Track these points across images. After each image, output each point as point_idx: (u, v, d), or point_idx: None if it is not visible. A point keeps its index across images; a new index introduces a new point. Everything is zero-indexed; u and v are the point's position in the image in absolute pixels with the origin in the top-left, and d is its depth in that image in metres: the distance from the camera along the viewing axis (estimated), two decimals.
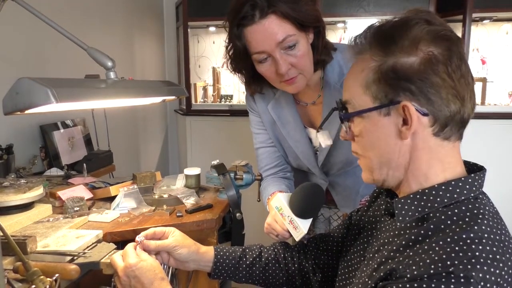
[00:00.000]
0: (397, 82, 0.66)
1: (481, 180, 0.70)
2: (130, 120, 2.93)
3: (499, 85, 2.86)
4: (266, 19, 1.05)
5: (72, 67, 1.89)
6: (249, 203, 1.65)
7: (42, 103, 0.72)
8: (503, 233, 0.65)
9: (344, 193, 1.37)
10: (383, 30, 0.70)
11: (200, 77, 3.35)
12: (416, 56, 0.66)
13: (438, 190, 0.68)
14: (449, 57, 0.66)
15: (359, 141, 0.75)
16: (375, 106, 0.69)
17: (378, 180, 0.75)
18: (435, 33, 0.67)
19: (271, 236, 1.14)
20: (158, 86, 1.15)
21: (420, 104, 0.66)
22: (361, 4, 2.70)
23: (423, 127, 0.67)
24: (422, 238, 0.65)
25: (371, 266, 0.72)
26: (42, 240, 1.04)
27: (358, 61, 0.73)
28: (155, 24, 3.36)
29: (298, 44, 1.08)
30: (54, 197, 1.37)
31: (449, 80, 0.65)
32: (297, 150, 1.33)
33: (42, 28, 0.99)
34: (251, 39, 1.08)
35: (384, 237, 0.75)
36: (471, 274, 0.57)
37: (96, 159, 1.94)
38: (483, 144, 2.70)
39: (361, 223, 0.89)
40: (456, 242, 0.61)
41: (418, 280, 0.59)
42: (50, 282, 0.70)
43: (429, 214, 0.68)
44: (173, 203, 1.38)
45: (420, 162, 0.70)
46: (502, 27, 2.84)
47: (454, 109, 0.67)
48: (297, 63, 1.10)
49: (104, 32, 2.49)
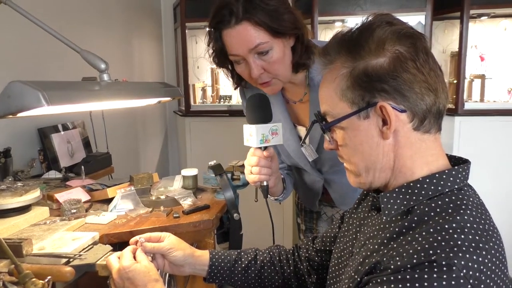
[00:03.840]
0: (371, 84, 0.68)
1: (465, 172, 0.71)
2: (129, 121, 2.94)
3: (498, 81, 2.85)
4: (240, 26, 1.08)
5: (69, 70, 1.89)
6: (247, 204, 1.65)
7: (33, 106, 0.73)
8: (487, 223, 0.66)
9: (341, 191, 1.37)
10: (348, 37, 0.73)
11: (198, 78, 3.36)
12: (384, 57, 0.68)
13: (422, 183, 0.69)
14: (416, 53, 0.68)
15: (343, 149, 0.76)
16: (354, 111, 0.70)
17: (365, 183, 0.76)
18: (398, 32, 0.69)
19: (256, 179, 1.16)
20: (152, 88, 1.15)
21: (396, 102, 0.68)
22: (358, 2, 2.70)
23: (402, 124, 0.69)
24: (406, 230, 0.66)
25: (357, 260, 0.73)
26: (38, 242, 1.04)
27: (329, 72, 0.74)
28: (153, 25, 3.36)
29: (271, 51, 1.11)
30: (51, 199, 1.37)
31: (419, 74, 0.67)
32: (288, 149, 1.34)
33: (38, 31, 0.99)
34: (227, 42, 1.12)
35: (370, 231, 0.76)
36: (453, 262, 0.58)
37: (94, 161, 1.94)
38: (482, 141, 2.69)
39: (351, 221, 0.90)
40: (438, 232, 0.62)
41: (402, 271, 0.60)
42: (42, 285, 0.70)
43: (414, 207, 0.69)
44: (170, 204, 1.38)
45: (405, 159, 0.71)
46: (500, 23, 2.84)
47: (430, 102, 0.68)
48: (269, 68, 1.12)
49: (103, 34, 2.50)
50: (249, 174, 1.17)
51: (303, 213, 1.57)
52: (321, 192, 1.41)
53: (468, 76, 2.82)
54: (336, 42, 0.74)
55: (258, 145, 1.12)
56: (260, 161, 1.13)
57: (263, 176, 1.15)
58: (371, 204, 0.80)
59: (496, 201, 2.56)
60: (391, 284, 0.60)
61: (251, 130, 1.12)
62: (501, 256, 0.63)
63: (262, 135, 1.11)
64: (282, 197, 1.35)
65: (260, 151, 1.14)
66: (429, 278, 0.57)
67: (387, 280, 0.61)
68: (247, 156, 1.18)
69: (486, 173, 2.68)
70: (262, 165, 1.14)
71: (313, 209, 1.52)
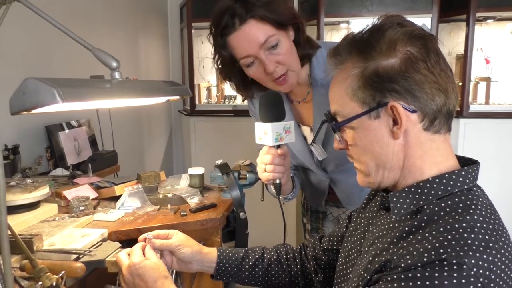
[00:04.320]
0: (382, 84, 0.68)
1: (474, 173, 0.72)
2: (135, 120, 2.95)
3: (504, 84, 2.85)
4: (246, 24, 1.09)
5: (77, 68, 1.91)
6: (253, 203, 1.65)
7: (48, 102, 0.73)
8: (497, 223, 0.67)
9: (348, 191, 1.37)
10: (359, 37, 0.73)
11: (204, 77, 3.37)
12: (395, 57, 0.68)
13: (432, 183, 0.70)
14: (427, 54, 0.68)
15: (353, 148, 0.77)
16: (364, 111, 0.71)
17: (374, 182, 0.77)
18: (409, 33, 0.70)
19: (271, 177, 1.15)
20: (162, 86, 1.15)
21: (407, 102, 0.68)
22: (364, 4, 2.71)
23: (413, 124, 0.69)
24: (416, 229, 0.67)
25: (366, 259, 0.74)
26: (48, 238, 1.05)
27: (340, 72, 0.75)
28: (159, 25, 3.38)
29: (280, 43, 1.12)
30: (59, 196, 1.38)
31: (430, 75, 0.68)
32: (293, 149, 1.35)
33: (47, 29, 1.01)
34: (236, 45, 1.12)
35: (379, 230, 0.77)
36: (463, 261, 0.58)
37: (101, 159, 1.96)
38: (488, 143, 2.69)
39: (359, 220, 0.91)
40: (449, 232, 0.62)
41: (412, 269, 0.61)
42: (56, 279, 0.71)
43: (423, 206, 0.70)
44: (177, 203, 1.39)
45: (414, 159, 0.71)
46: (506, 26, 2.84)
47: (440, 102, 0.69)
48: (282, 60, 1.14)
49: (109, 33, 2.51)
50: (263, 172, 1.17)
51: (309, 213, 1.57)
52: (327, 191, 1.41)
53: (474, 79, 2.82)
54: (347, 43, 0.74)
55: (273, 144, 1.12)
56: (274, 159, 1.14)
57: (277, 174, 1.15)
58: (380, 204, 0.81)
59: (501, 204, 2.56)
60: (401, 282, 0.61)
61: (266, 129, 1.12)
62: (511, 256, 0.63)
63: (277, 133, 1.11)
64: (292, 196, 1.36)
65: (274, 149, 1.13)
66: (439, 276, 0.58)
67: (398, 278, 0.61)
68: (260, 154, 1.18)
69: (490, 175, 2.67)
70: (276, 163, 1.14)
71: (319, 209, 1.52)
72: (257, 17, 1.09)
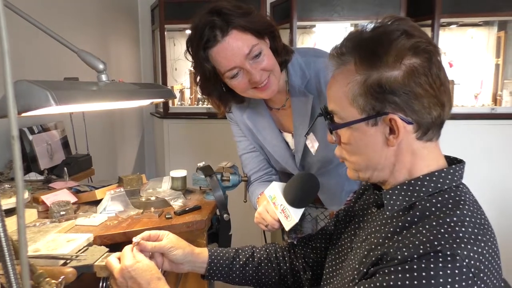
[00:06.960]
0: (383, 95, 0.70)
1: (461, 171, 0.76)
2: (107, 123, 2.89)
3: (465, 87, 3.00)
4: (228, 36, 1.09)
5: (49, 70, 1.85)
6: (236, 204, 1.67)
7: (41, 105, 0.72)
8: (482, 217, 0.72)
9: (330, 192, 1.41)
10: (365, 42, 0.72)
11: (176, 80, 3.34)
12: (399, 70, 0.69)
13: (423, 181, 0.74)
14: (429, 68, 0.69)
15: (346, 146, 0.79)
16: (363, 118, 0.73)
17: (363, 178, 0.80)
18: (417, 47, 0.70)
19: (260, 226, 1.18)
20: (148, 89, 1.15)
21: (405, 114, 0.70)
22: (335, 9, 2.77)
23: (408, 134, 0.72)
24: (409, 224, 0.71)
25: (360, 254, 0.77)
26: (32, 244, 1.02)
27: (342, 72, 0.75)
28: (130, 26, 3.32)
29: (262, 52, 1.13)
30: (37, 202, 1.35)
31: (430, 90, 0.70)
32: (275, 155, 1.37)
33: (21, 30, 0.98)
34: (220, 58, 1.11)
35: (371, 226, 0.80)
36: (457, 252, 0.62)
37: (75, 163, 1.91)
38: (449, 145, 2.80)
39: (347, 218, 0.94)
40: (441, 225, 0.66)
41: (409, 261, 0.64)
42: (56, 284, 0.70)
43: (415, 203, 0.73)
44: (161, 205, 1.38)
45: (405, 162, 0.75)
46: (467, 31, 2.99)
47: (436, 115, 0.71)
48: (266, 66, 1.15)
49: (78, 34, 2.45)
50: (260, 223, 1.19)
51: None
52: None
53: None
54: (352, 46, 0.74)
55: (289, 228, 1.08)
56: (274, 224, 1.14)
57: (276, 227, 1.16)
58: (373, 201, 0.85)
59: None
60: (398, 274, 0.64)
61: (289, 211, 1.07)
62: (495, 248, 0.69)
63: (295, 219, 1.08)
64: None
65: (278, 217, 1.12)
66: (435, 267, 0.62)
67: (395, 271, 0.65)
68: (263, 212, 1.17)
69: None
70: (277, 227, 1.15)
71: None
72: (238, 28, 1.09)
